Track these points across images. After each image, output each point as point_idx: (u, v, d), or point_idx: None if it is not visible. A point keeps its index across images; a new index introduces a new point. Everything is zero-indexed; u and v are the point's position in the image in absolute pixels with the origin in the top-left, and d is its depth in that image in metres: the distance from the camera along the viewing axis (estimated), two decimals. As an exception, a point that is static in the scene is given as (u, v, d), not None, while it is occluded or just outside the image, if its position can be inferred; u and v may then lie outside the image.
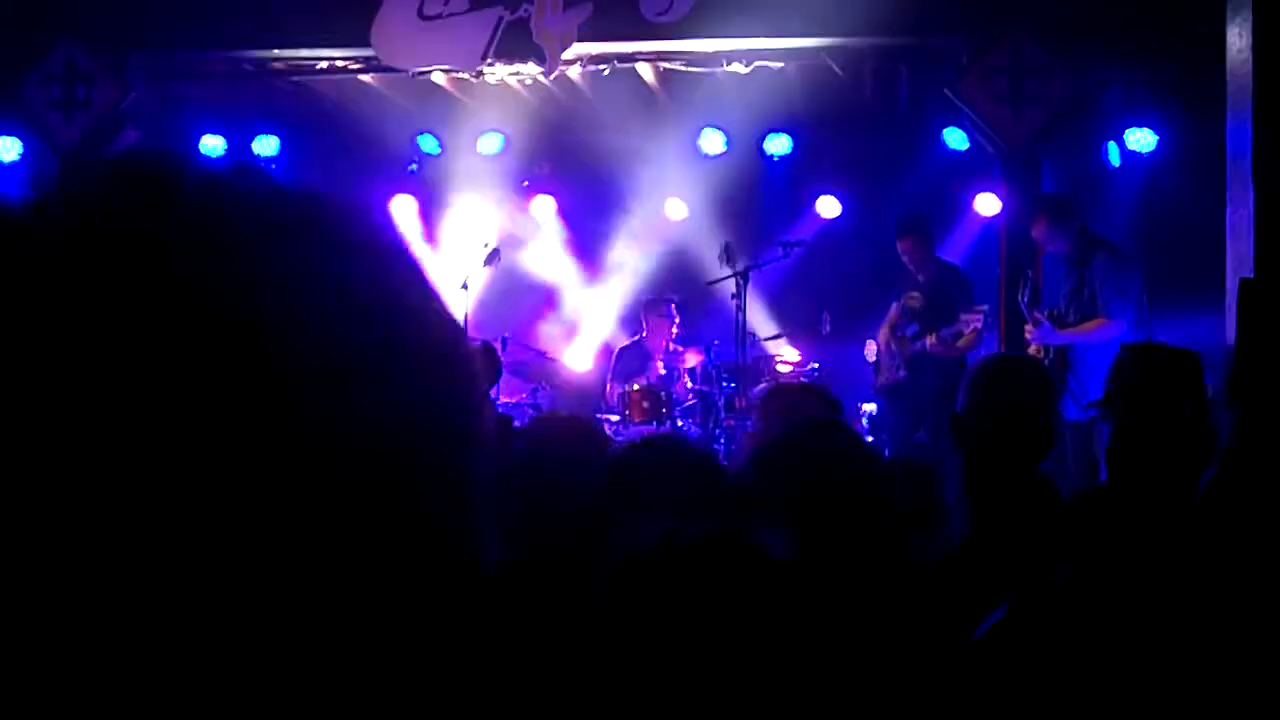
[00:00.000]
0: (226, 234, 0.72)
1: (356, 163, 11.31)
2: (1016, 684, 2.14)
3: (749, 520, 2.65)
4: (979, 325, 8.34)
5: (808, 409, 4.16)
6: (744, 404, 9.02)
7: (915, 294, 8.88)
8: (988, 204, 10.23)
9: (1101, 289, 7.54)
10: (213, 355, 0.67)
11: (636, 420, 9.51)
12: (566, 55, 8.65)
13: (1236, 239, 5.43)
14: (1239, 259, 5.36)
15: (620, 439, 7.67)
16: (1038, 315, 7.67)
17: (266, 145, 11.24)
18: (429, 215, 11.84)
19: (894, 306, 9.10)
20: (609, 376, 10.51)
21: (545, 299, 11.92)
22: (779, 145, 10.66)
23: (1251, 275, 5.10)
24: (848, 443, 2.98)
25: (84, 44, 8.90)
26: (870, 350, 9.66)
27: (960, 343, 8.50)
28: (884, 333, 9.10)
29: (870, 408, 9.85)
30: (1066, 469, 7.06)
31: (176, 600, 0.66)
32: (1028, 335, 7.68)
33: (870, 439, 8.97)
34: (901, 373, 8.78)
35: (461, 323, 0.81)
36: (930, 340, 8.53)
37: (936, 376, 8.50)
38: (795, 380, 9.26)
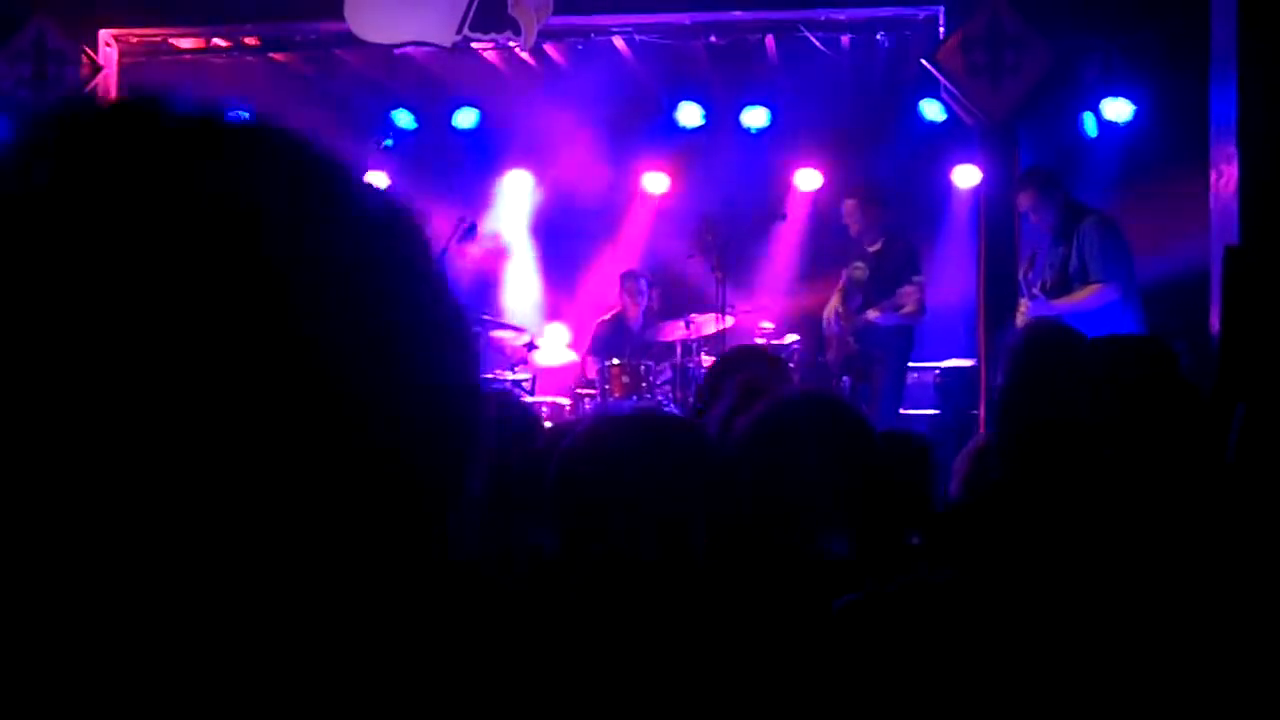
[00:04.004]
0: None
1: (331, 138, 11.20)
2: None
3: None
4: (919, 296, 8.51)
5: (753, 369, 4.15)
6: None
7: (860, 264, 8.91)
8: (966, 175, 10.23)
9: (1092, 255, 7.54)
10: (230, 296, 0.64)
11: (617, 395, 9.50)
12: (542, 29, 8.59)
13: (1220, 206, 5.43)
14: (1224, 226, 5.36)
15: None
16: (1034, 290, 7.66)
17: (239, 122, 11.15)
18: (404, 191, 11.76)
19: (843, 276, 9.11)
20: (587, 351, 10.49)
21: (523, 275, 11.87)
22: (757, 117, 10.63)
23: (1236, 243, 5.10)
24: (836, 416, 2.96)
25: (54, 21, 8.80)
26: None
27: (904, 310, 8.60)
28: (831, 304, 9.12)
29: (851, 380, 9.85)
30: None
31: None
32: (1022, 310, 7.65)
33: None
34: (852, 347, 8.82)
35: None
36: (872, 313, 8.62)
37: (885, 350, 8.59)
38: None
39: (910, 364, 9.12)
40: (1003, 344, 3.69)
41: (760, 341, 9.89)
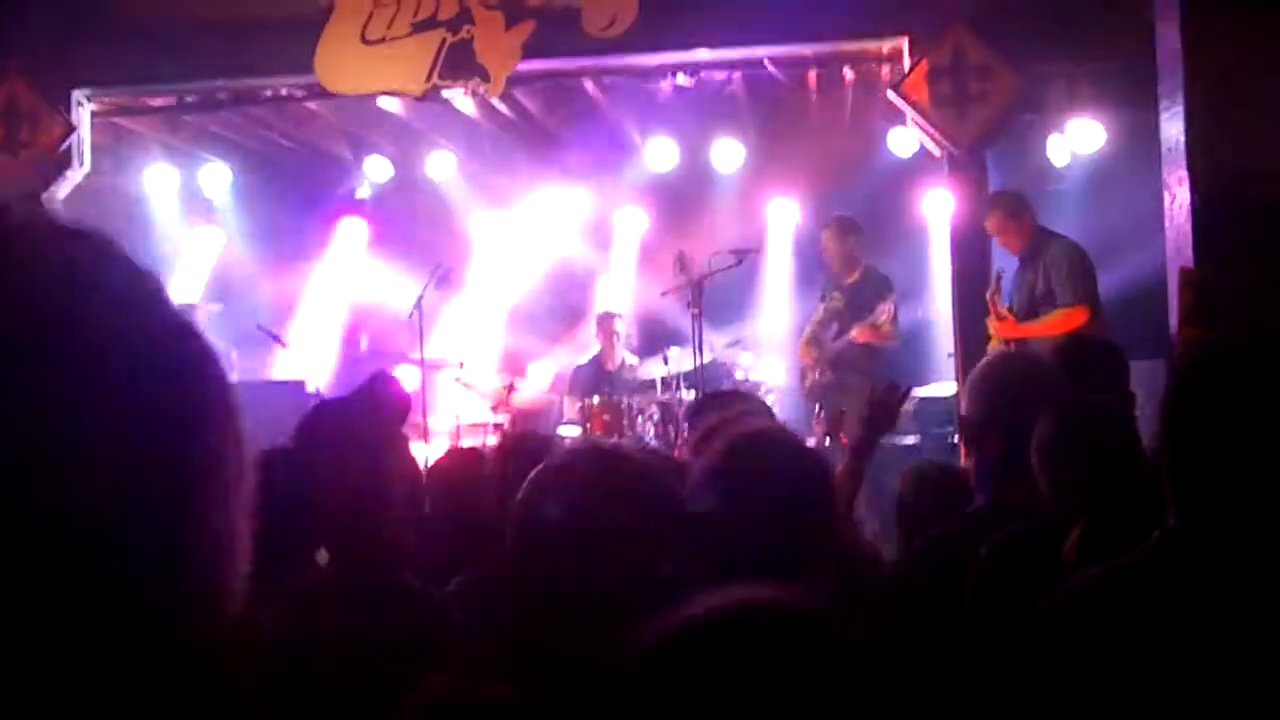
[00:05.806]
0: None
1: (306, 189, 11.29)
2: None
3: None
4: (892, 310, 8.75)
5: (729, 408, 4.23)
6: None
7: (836, 294, 9.01)
8: (938, 204, 10.29)
9: (1059, 281, 7.57)
10: None
11: (598, 432, 9.53)
12: (511, 74, 8.64)
13: (1175, 229, 5.47)
14: (1178, 249, 5.40)
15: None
16: (1002, 310, 7.68)
17: (215, 176, 11.19)
18: (380, 238, 11.81)
19: (819, 309, 9.26)
20: (566, 394, 10.53)
21: (500, 319, 11.90)
22: (728, 153, 10.69)
23: (1191, 265, 5.15)
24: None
25: (25, 82, 8.82)
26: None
27: (883, 330, 8.70)
28: (807, 335, 9.20)
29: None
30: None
31: None
32: (992, 330, 7.68)
33: (829, 442, 9.02)
34: (826, 375, 8.88)
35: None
36: (854, 333, 8.71)
37: (857, 377, 8.64)
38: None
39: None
40: (968, 376, 3.75)
41: (740, 375, 9.94)
